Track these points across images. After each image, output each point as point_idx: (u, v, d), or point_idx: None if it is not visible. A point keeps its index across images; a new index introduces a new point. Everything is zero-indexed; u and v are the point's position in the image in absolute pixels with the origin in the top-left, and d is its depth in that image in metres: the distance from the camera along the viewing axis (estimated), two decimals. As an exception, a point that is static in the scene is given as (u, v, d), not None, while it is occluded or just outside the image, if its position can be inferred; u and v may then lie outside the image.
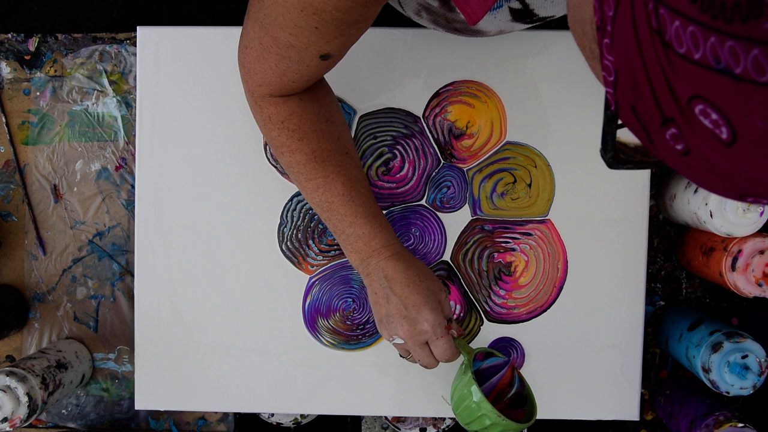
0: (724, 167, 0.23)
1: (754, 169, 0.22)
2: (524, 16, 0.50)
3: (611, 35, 0.25)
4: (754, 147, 0.21)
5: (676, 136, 0.24)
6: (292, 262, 0.68)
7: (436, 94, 0.67)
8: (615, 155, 0.32)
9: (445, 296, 0.58)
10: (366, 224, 0.57)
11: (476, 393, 0.57)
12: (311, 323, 0.69)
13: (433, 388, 0.69)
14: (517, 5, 0.48)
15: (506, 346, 0.68)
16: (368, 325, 0.68)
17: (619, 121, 0.31)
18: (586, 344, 0.68)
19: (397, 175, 0.68)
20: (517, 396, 0.61)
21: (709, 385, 0.62)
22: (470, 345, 0.67)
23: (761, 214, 0.59)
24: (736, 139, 0.21)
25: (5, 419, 0.62)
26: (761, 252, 0.60)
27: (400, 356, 0.62)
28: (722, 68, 0.20)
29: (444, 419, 0.74)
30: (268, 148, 0.68)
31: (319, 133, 0.56)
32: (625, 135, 0.32)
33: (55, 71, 0.74)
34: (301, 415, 0.75)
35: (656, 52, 0.23)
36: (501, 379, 0.60)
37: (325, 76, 0.58)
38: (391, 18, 0.64)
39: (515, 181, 0.68)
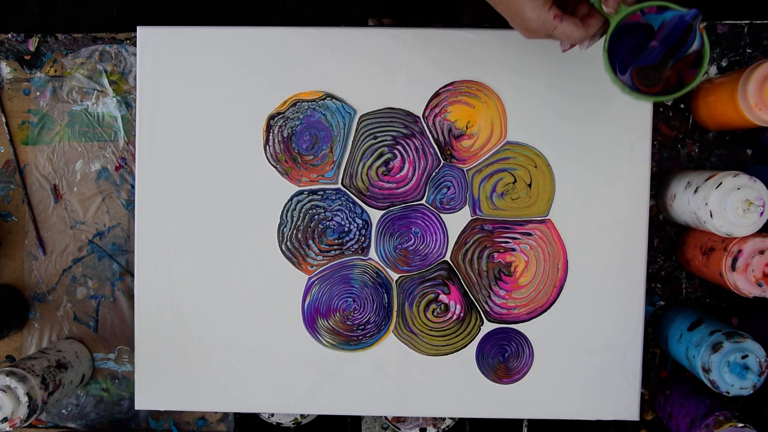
0: None
1: None
2: None
3: None
4: None
5: None
6: (292, 262, 0.68)
7: (436, 94, 0.67)
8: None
9: None
10: None
11: (607, 66, 0.52)
12: (311, 323, 0.69)
13: (433, 388, 0.69)
14: None
15: (514, 338, 0.68)
16: (369, 326, 0.68)
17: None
18: (587, 344, 0.68)
19: (397, 175, 0.68)
20: (696, 54, 0.53)
21: (709, 385, 0.62)
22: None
23: (761, 214, 0.59)
24: None
25: (5, 419, 0.62)
26: (761, 252, 0.60)
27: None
28: None
29: (444, 419, 0.75)
30: (268, 148, 0.68)
31: None
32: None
33: (55, 71, 0.74)
34: (301, 415, 0.75)
35: None
36: (678, 36, 0.52)
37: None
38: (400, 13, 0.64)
39: (515, 181, 0.68)
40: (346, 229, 0.68)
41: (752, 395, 0.70)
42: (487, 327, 0.68)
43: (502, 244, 0.68)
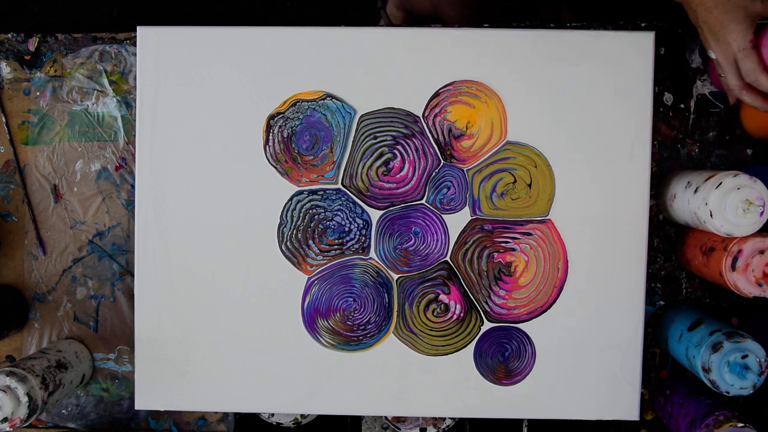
0: None
1: None
2: None
3: None
4: None
5: None
6: (292, 262, 0.68)
7: (436, 94, 0.67)
8: None
9: (761, 5, 0.52)
10: None
11: None
12: (310, 324, 0.69)
13: (433, 388, 0.69)
14: None
15: (515, 337, 0.68)
16: (369, 326, 0.68)
17: None
18: (586, 344, 0.68)
19: (397, 176, 0.68)
20: None
21: (709, 385, 0.62)
22: None
23: (761, 214, 0.59)
24: None
25: (5, 419, 0.62)
26: (761, 252, 0.60)
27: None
28: None
29: (444, 419, 0.75)
30: (268, 148, 0.68)
31: None
32: None
33: (55, 71, 0.74)
34: (301, 415, 0.75)
35: None
36: None
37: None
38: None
39: (515, 181, 0.68)
40: (347, 229, 0.68)
41: (752, 395, 0.70)
42: (487, 327, 0.68)
43: (502, 244, 0.68)
